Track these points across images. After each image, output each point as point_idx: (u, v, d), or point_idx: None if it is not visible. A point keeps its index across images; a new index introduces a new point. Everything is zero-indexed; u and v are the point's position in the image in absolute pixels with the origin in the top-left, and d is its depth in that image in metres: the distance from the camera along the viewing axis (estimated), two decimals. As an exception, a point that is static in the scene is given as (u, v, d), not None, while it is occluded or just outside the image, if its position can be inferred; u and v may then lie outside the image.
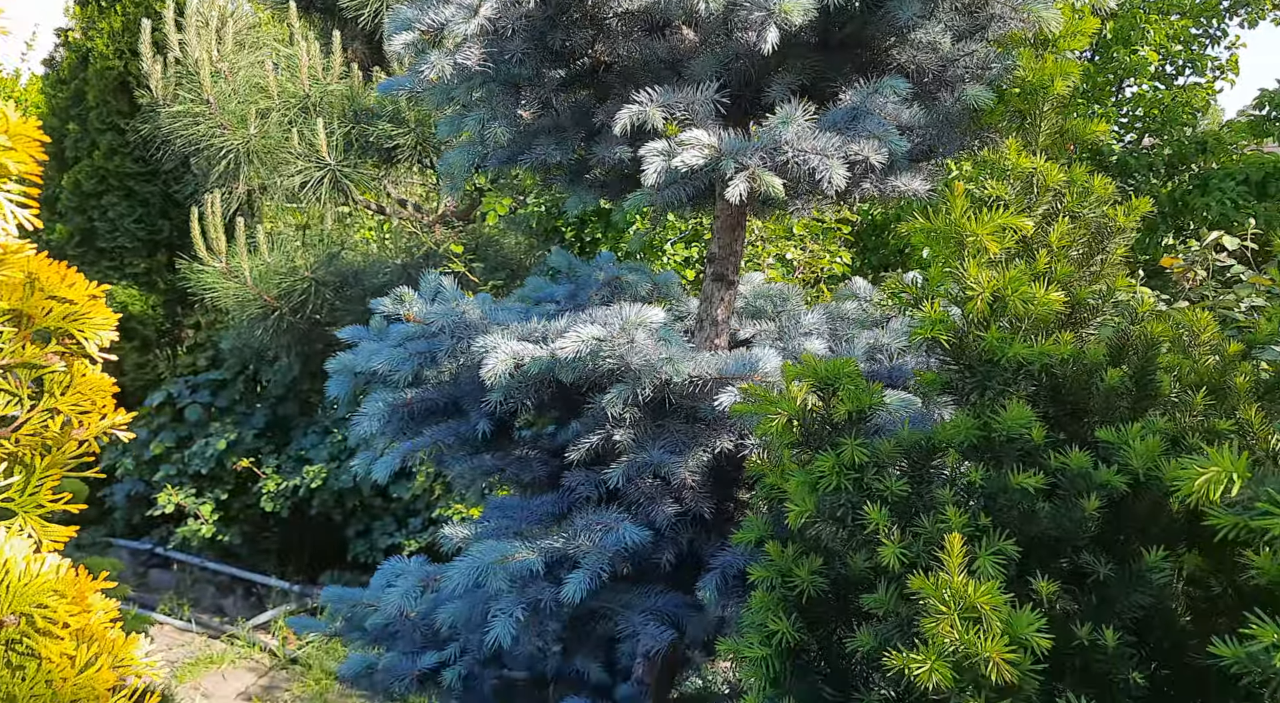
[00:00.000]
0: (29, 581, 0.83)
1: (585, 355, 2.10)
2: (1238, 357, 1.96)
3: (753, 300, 3.18)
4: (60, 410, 0.98)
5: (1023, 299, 1.52)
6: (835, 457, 1.60)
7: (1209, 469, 1.12)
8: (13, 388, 0.97)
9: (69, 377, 0.99)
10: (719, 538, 2.38)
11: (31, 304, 0.96)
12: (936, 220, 1.59)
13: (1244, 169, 7.13)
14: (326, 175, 5.49)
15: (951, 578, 1.28)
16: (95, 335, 1.01)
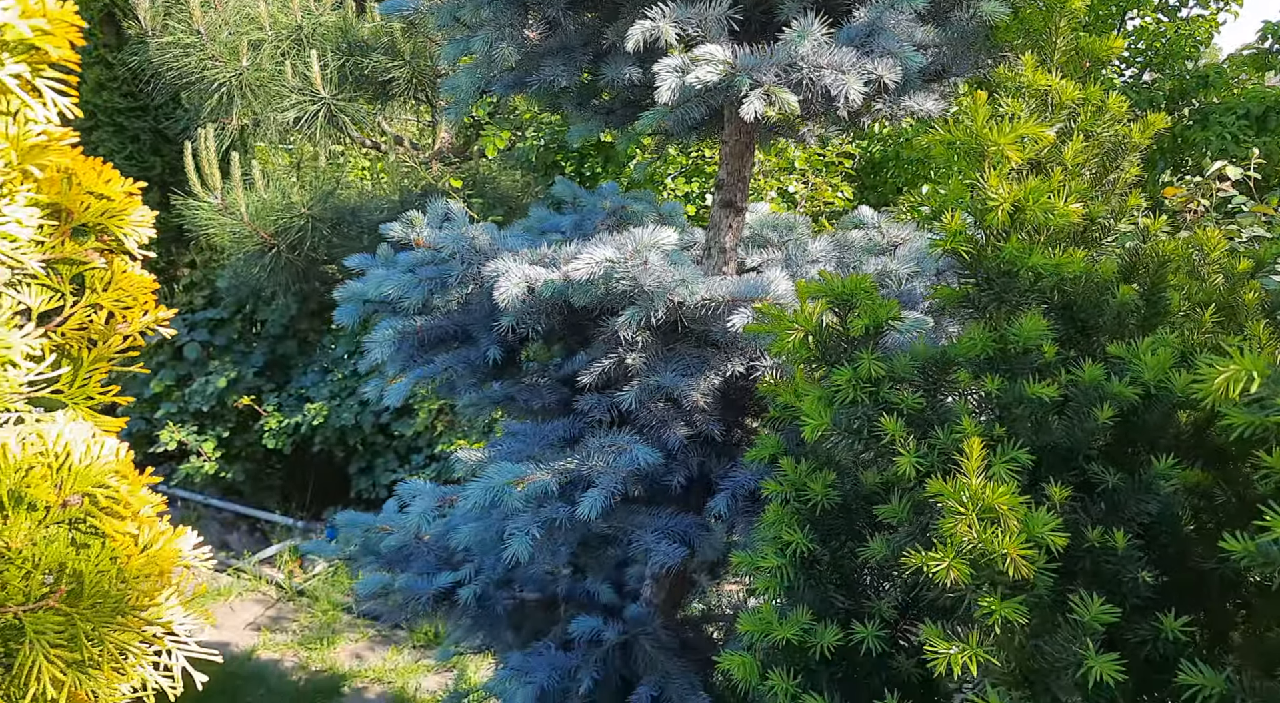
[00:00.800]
0: (90, 463, 0.85)
1: (598, 278, 2.10)
2: (1246, 275, 1.98)
3: (759, 230, 3.18)
4: (103, 306, 0.99)
5: (1043, 210, 1.52)
6: (852, 370, 1.62)
7: (1229, 368, 1.15)
8: (55, 284, 0.98)
9: (109, 273, 1.00)
10: (728, 461, 2.42)
11: (71, 199, 0.96)
12: (957, 131, 1.58)
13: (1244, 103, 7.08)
14: (321, 109, 5.41)
15: (970, 480, 1.31)
16: (134, 232, 1.01)
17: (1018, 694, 1.36)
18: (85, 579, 0.84)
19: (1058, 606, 1.40)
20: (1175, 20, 7.79)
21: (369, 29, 5.46)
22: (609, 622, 2.60)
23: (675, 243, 2.15)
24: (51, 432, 0.84)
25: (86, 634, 0.84)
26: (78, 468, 0.84)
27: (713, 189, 5.14)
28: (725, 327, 2.15)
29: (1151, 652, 1.44)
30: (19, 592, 0.83)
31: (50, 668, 0.83)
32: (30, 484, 0.83)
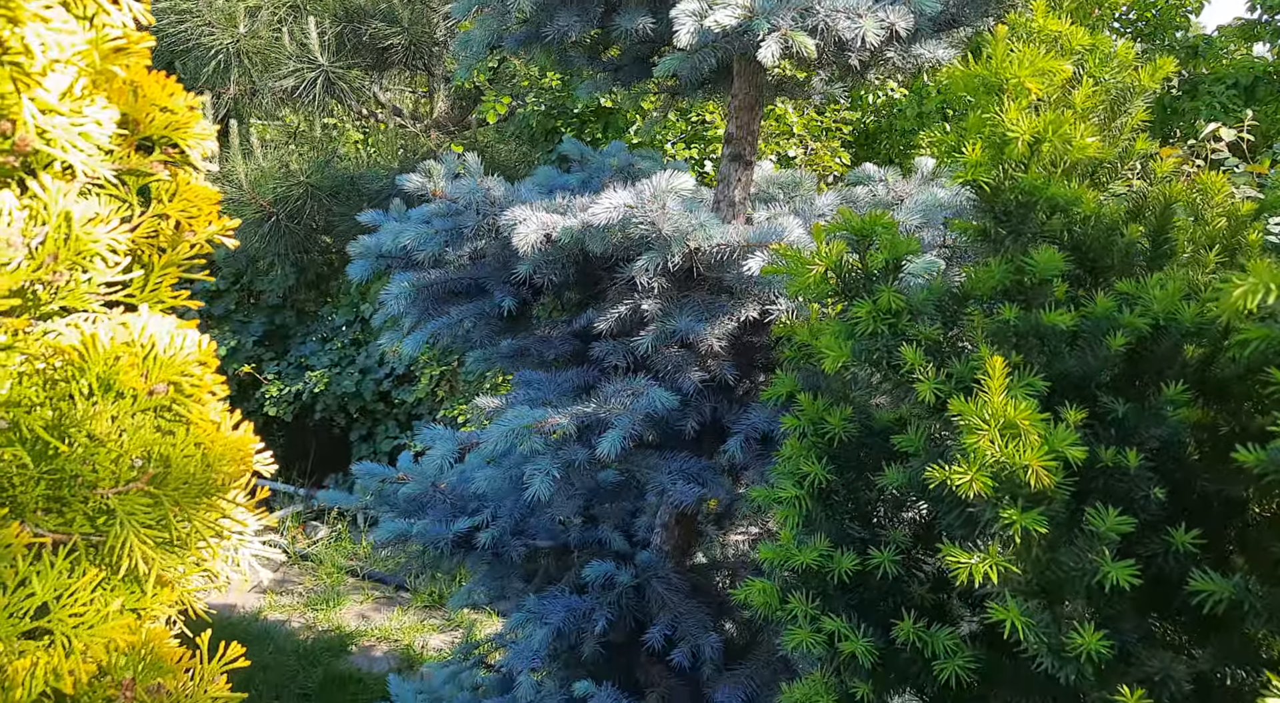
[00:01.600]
0: (174, 353, 0.88)
1: (616, 223, 2.14)
2: (1249, 217, 2.03)
3: (764, 187, 3.22)
4: (170, 215, 1.02)
5: (1062, 141, 1.57)
6: (872, 303, 1.67)
7: (1246, 282, 1.20)
8: (122, 194, 1.01)
9: (174, 185, 1.03)
10: (740, 408, 2.47)
11: (137, 111, 1.00)
12: (977, 66, 1.63)
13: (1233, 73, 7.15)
14: (320, 77, 5.40)
15: (993, 397, 1.36)
16: (198, 144, 1.04)
17: (1034, 603, 1.42)
18: (172, 463, 0.88)
19: (1073, 522, 1.46)
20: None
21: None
22: (621, 566, 2.67)
23: (692, 188, 2.18)
24: (137, 323, 0.88)
25: (175, 516, 0.88)
26: (163, 358, 0.88)
27: (714, 154, 5.17)
28: (740, 272, 2.19)
29: (1162, 565, 1.50)
30: (109, 475, 0.88)
31: (141, 547, 0.87)
32: (119, 373, 0.87)
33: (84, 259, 0.86)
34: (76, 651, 0.79)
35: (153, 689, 0.85)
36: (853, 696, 1.72)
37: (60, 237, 0.86)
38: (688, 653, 2.49)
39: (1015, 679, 1.63)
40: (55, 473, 0.86)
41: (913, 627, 1.64)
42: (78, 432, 0.86)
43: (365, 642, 4.71)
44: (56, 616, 0.80)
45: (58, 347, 0.86)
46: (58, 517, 0.88)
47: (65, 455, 0.86)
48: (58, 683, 0.79)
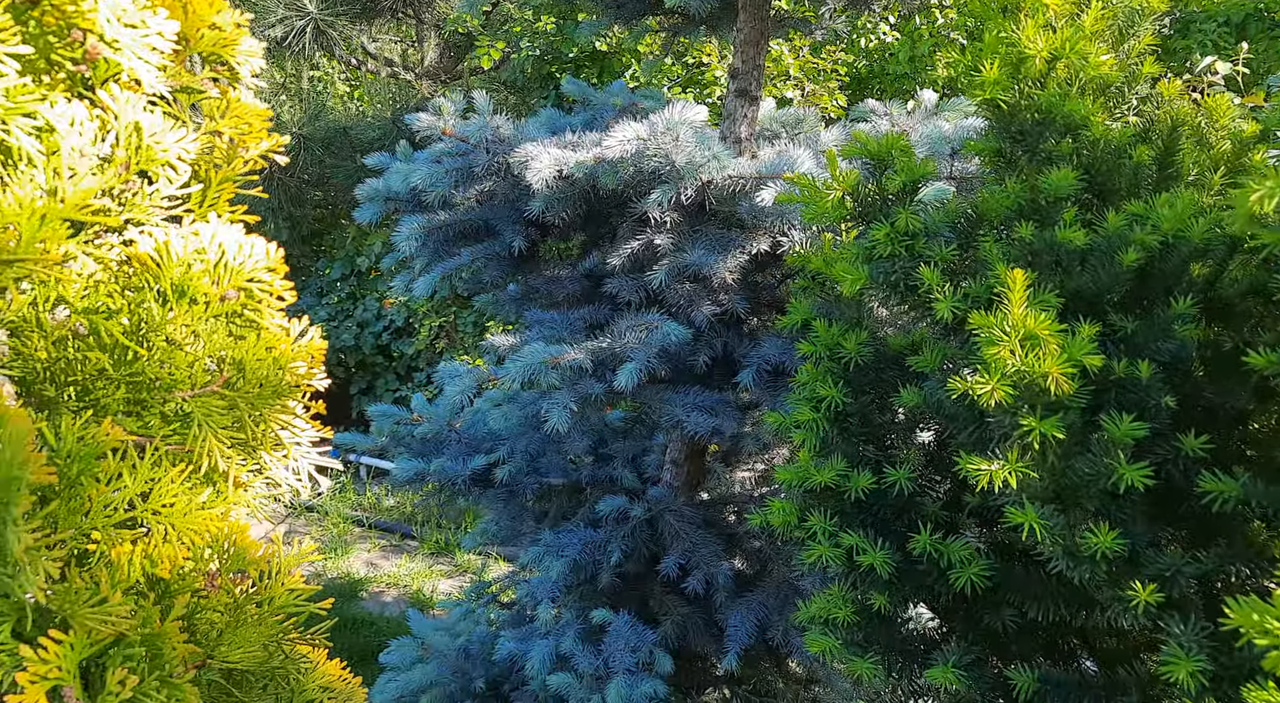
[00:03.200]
0: (243, 260, 0.91)
1: (630, 156, 2.16)
2: (1253, 139, 2.07)
3: (767, 124, 3.22)
4: (223, 132, 1.04)
5: (1079, 56, 1.60)
6: (889, 225, 1.70)
7: (1262, 185, 1.23)
8: (176, 112, 1.03)
9: (225, 102, 1.05)
10: (752, 344, 2.51)
11: (188, 27, 1.01)
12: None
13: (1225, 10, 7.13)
14: (309, 24, 5.33)
15: (1013, 309, 1.40)
16: (247, 60, 1.06)
17: (1049, 508, 1.48)
18: (245, 366, 0.91)
19: (1088, 429, 1.51)
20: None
21: (353, -61, 5.35)
22: (634, 502, 2.73)
23: (704, 119, 2.20)
24: (207, 232, 0.90)
25: (250, 415, 0.92)
26: (233, 265, 0.90)
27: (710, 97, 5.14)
28: (753, 203, 2.22)
29: (1171, 471, 1.56)
30: (185, 379, 0.91)
31: (219, 446, 0.91)
32: (192, 279, 0.90)
33: (153, 168, 0.89)
34: (172, 538, 0.84)
35: (236, 577, 0.89)
36: (870, 607, 1.79)
37: (132, 146, 0.88)
38: (701, 581, 2.57)
39: (1027, 585, 1.70)
40: (135, 377, 0.90)
41: (929, 539, 1.71)
42: (155, 336, 0.89)
43: (375, 588, 4.80)
44: (149, 507, 0.84)
45: (133, 255, 0.89)
46: (137, 420, 0.91)
47: (144, 360, 0.89)
48: (154, 569, 0.83)
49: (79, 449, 0.84)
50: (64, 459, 0.84)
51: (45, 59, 0.86)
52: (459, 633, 3.14)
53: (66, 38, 0.85)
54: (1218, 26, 7.23)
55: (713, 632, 2.65)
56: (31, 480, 0.70)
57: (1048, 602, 1.65)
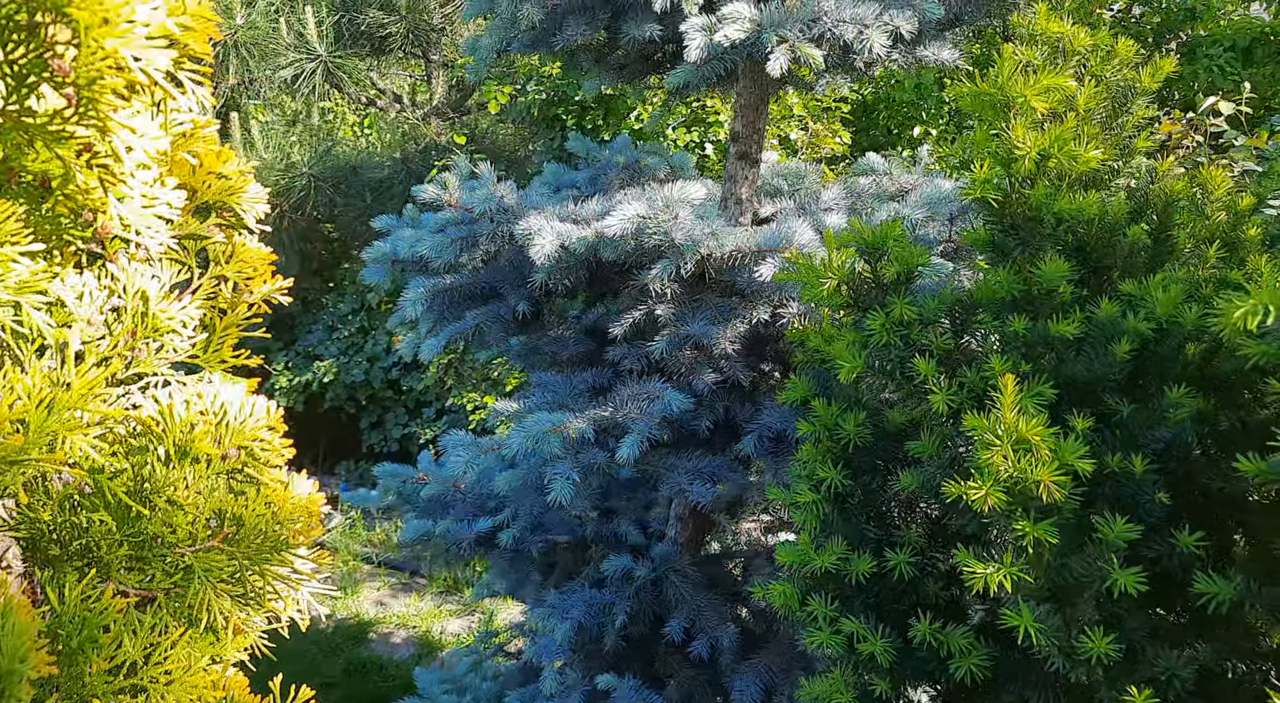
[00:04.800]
0: (244, 420, 0.94)
1: (630, 233, 2.19)
2: (1248, 211, 2.08)
3: (769, 179, 3.25)
4: (228, 277, 1.08)
5: (1068, 156, 1.62)
6: (885, 315, 1.72)
7: (1246, 303, 1.25)
8: (183, 258, 1.06)
9: (230, 247, 1.08)
10: (753, 406, 2.53)
11: (196, 180, 1.05)
12: (984, 84, 1.67)
13: (1231, 35, 7.13)
14: (318, 67, 5.40)
15: (1005, 414, 1.42)
16: (251, 208, 1.09)
17: (1045, 608, 1.49)
18: (245, 522, 0.94)
19: (1082, 527, 1.52)
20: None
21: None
22: (639, 560, 2.74)
23: (704, 197, 2.23)
24: (210, 392, 0.93)
25: (248, 570, 0.95)
26: (234, 425, 0.93)
27: (714, 137, 5.18)
28: (751, 276, 2.24)
29: (1167, 566, 1.57)
30: (187, 535, 0.94)
31: (219, 602, 0.93)
32: (194, 440, 0.92)
33: (159, 335, 0.92)
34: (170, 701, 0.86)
35: (237, 735, 0.92)
36: (871, 692, 1.80)
37: (137, 315, 0.91)
38: (705, 645, 2.58)
39: (1027, 675, 1.71)
40: (137, 535, 0.92)
41: (929, 628, 1.72)
42: (157, 497, 0.92)
43: (384, 629, 4.82)
44: (148, 673, 0.87)
45: (137, 418, 0.92)
46: (140, 574, 0.94)
47: (146, 519, 0.92)
48: (155, 736, 0.86)
49: (82, 613, 0.87)
50: (67, 624, 0.87)
51: (57, 237, 0.89)
52: (466, 688, 3.15)
53: (78, 219, 0.88)
54: (1224, 52, 7.22)
55: (719, 696, 2.66)
56: (32, 675, 0.72)
57: (1047, 692, 1.66)
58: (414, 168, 5.74)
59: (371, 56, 6.07)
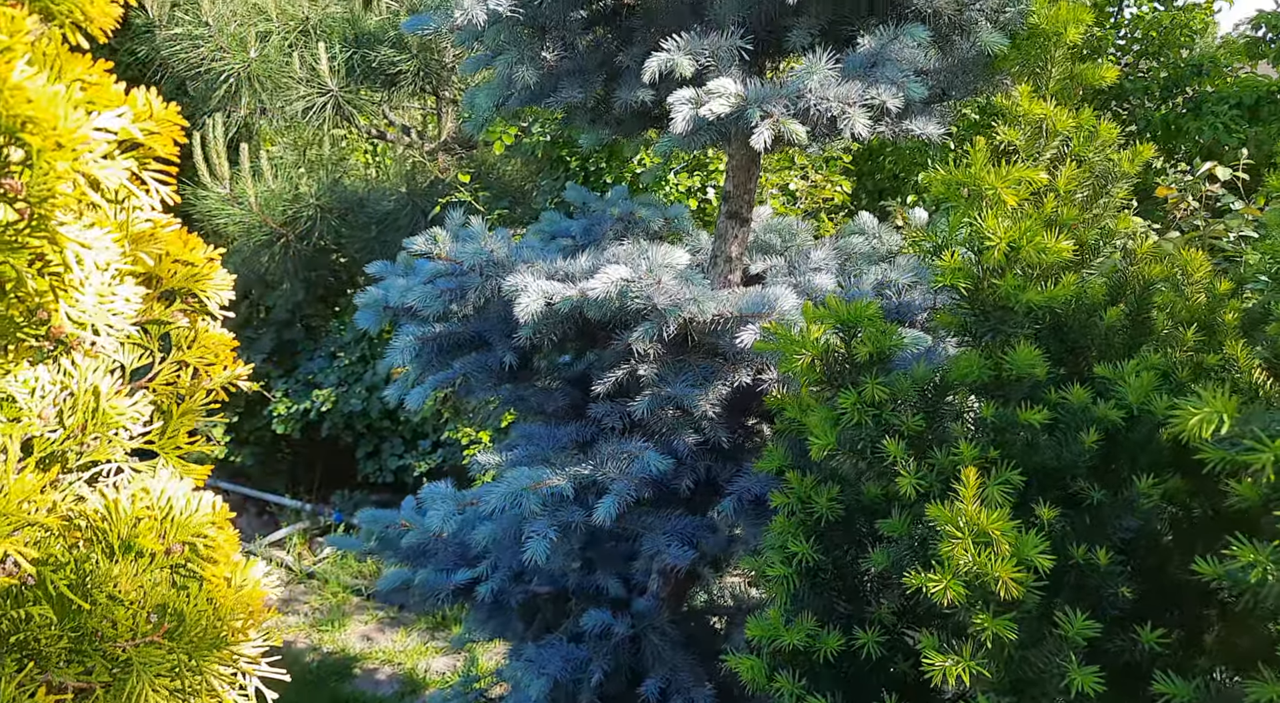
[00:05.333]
0: (189, 515, 0.96)
1: (614, 295, 2.21)
2: (1226, 295, 2.09)
3: (762, 234, 3.27)
4: (189, 362, 1.09)
5: (1037, 249, 1.63)
6: (856, 394, 1.73)
7: (1201, 410, 1.26)
8: (145, 342, 1.08)
9: (193, 332, 1.10)
10: (735, 466, 2.53)
11: (161, 268, 1.07)
12: (956, 173, 1.69)
13: (1237, 93, 7.15)
14: (329, 101, 5.47)
15: (966, 507, 1.43)
16: (215, 294, 1.11)
17: (1006, 701, 1.49)
18: (186, 618, 0.95)
19: (1044, 619, 1.52)
20: (1171, 9, 7.85)
21: (375, 21, 5.51)
22: (618, 615, 2.74)
23: (686, 263, 2.25)
24: (156, 487, 0.95)
25: (186, 667, 0.95)
26: (179, 520, 0.95)
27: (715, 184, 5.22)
28: (734, 342, 2.26)
29: (1130, 659, 1.57)
30: (127, 629, 0.95)
31: (155, 697, 0.94)
32: (139, 535, 0.94)
33: (108, 431, 0.93)
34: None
35: None
36: (836, 770, 1.79)
37: (89, 410, 0.93)
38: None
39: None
40: (78, 629, 0.93)
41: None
42: (99, 591, 0.93)
43: (370, 664, 4.80)
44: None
45: (82, 512, 0.93)
46: (79, 667, 0.95)
47: (87, 613, 0.93)
48: None
49: (20, 706, 0.88)
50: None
51: (12, 335, 0.91)
52: (443, 735, 3.14)
53: (33, 318, 0.90)
54: (1229, 108, 7.24)
55: (691, 756, 2.64)
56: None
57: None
58: (419, 202, 5.79)
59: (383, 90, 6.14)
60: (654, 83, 2.15)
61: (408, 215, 5.95)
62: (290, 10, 5.38)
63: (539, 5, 2.26)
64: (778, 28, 2.37)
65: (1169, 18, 7.56)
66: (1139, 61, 7.82)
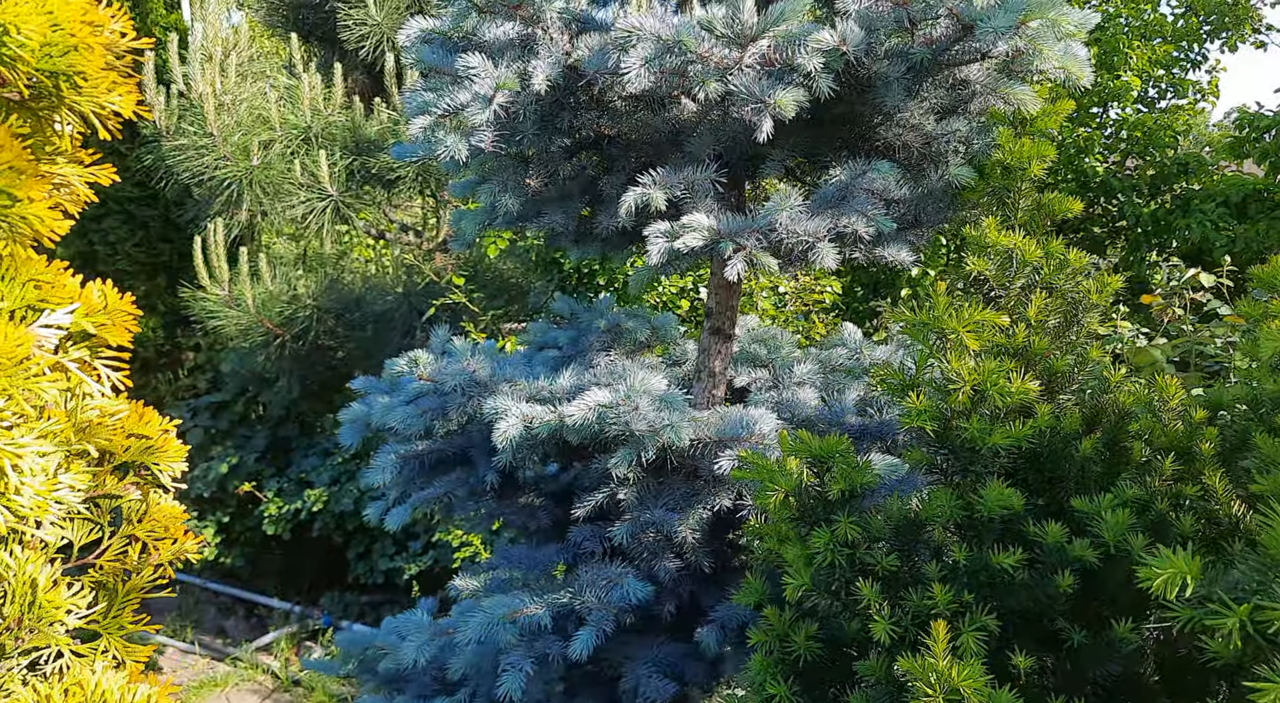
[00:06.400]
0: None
1: (593, 420, 2.21)
2: (1203, 422, 2.09)
3: (748, 345, 3.30)
4: (138, 537, 1.09)
5: (1001, 393, 1.64)
6: (830, 533, 1.72)
7: (1166, 571, 1.25)
8: (95, 517, 1.09)
9: (144, 506, 1.10)
10: (718, 590, 2.50)
11: (114, 443, 1.08)
12: (921, 314, 1.71)
13: (1224, 191, 7.29)
14: (329, 205, 5.60)
15: (937, 662, 1.40)
16: (168, 467, 1.12)
17: None
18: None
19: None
20: (1155, 111, 8.08)
21: (376, 129, 5.67)
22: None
23: (664, 389, 2.26)
24: (91, 681, 0.94)
25: None
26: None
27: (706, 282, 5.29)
28: (713, 466, 2.25)
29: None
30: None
31: None
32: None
33: (44, 624, 0.93)
34: None
35: None
36: None
37: (25, 603, 0.92)
38: None
39: None
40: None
41: None
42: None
43: (352, 779, 4.64)
44: None
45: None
46: None
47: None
48: None
49: None
50: None
51: (-49, 527, 0.91)
52: None
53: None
54: (1216, 206, 7.36)
55: None
56: None
57: None
58: (415, 302, 5.87)
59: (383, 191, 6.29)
60: (630, 214, 2.20)
61: (403, 315, 6.02)
62: (293, 120, 5.56)
63: (520, 139, 2.33)
64: (753, 156, 2.44)
65: (1152, 120, 7.76)
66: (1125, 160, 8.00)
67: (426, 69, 2.28)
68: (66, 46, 0.79)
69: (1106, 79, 7.74)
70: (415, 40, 2.33)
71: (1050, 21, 2.02)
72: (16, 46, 0.74)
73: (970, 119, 2.34)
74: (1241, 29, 7.91)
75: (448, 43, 2.28)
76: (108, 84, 0.85)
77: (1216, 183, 7.45)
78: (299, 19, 6.20)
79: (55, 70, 0.80)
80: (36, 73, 0.77)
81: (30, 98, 0.82)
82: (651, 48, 1.98)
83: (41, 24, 0.74)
